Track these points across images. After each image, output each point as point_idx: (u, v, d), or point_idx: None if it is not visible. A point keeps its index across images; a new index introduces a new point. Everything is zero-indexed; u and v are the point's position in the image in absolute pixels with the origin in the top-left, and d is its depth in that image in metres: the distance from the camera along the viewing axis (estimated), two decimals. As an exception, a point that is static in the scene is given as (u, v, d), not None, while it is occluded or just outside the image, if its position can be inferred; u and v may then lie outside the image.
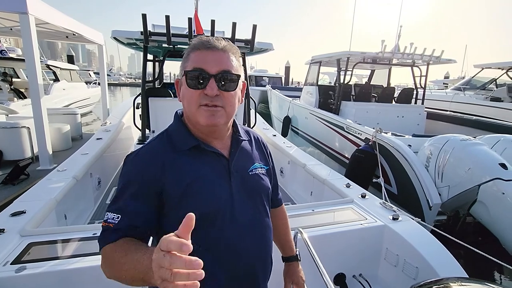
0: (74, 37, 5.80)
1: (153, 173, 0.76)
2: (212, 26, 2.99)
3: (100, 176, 3.15)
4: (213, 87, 0.74)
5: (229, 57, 0.78)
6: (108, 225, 0.73)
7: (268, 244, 0.90)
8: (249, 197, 0.86)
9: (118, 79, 47.43)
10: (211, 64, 0.75)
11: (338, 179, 2.61)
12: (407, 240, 1.66)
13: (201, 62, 0.75)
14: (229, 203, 0.81)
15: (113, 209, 0.74)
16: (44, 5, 3.95)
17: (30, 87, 3.76)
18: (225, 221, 0.80)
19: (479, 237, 2.95)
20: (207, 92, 0.74)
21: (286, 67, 26.50)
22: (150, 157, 0.78)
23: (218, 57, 0.76)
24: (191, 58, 0.77)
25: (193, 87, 0.75)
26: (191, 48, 0.78)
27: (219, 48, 0.76)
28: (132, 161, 0.79)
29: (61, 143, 4.91)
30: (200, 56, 0.76)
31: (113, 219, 0.72)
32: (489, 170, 2.64)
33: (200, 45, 0.77)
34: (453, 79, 22.68)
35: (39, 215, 1.74)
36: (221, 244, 0.79)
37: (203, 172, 0.80)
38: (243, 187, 0.85)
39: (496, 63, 8.40)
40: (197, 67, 0.75)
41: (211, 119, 0.76)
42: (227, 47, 0.78)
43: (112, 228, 0.72)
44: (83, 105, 11.01)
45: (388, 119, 5.54)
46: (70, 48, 19.64)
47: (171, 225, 0.75)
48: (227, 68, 0.76)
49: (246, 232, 0.83)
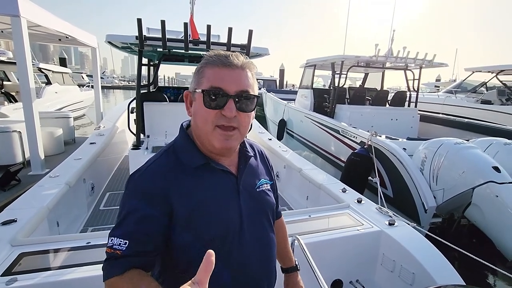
0: (67, 40, 5.73)
1: (161, 194, 0.71)
2: (208, 30, 2.98)
3: (94, 182, 3.11)
4: (232, 108, 0.71)
5: (247, 75, 0.74)
6: (114, 252, 0.67)
7: (273, 259, 0.89)
8: (256, 214, 0.84)
9: (111, 82, 47.07)
10: (230, 83, 0.71)
11: (334, 183, 2.61)
12: (403, 245, 1.67)
13: (219, 81, 0.71)
14: (238, 223, 0.79)
15: (119, 234, 0.68)
16: (37, 7, 3.90)
17: (22, 90, 3.69)
18: (234, 242, 0.77)
19: (474, 239, 2.99)
20: (225, 113, 0.71)
21: (281, 70, 26.58)
22: (157, 176, 0.73)
23: (237, 75, 0.72)
24: (207, 75, 0.73)
25: (209, 107, 0.71)
26: (206, 63, 0.74)
27: (238, 66, 0.73)
28: (137, 180, 0.73)
29: (53, 148, 4.83)
30: (218, 74, 0.72)
31: (120, 245, 0.66)
32: (482, 173, 2.67)
33: (218, 62, 0.72)
34: (445, 82, 23.08)
35: (31, 223, 1.69)
36: (230, 265, 0.76)
37: (212, 192, 0.77)
38: (251, 204, 0.83)
39: (486, 67, 8.57)
40: (215, 86, 0.71)
41: (226, 143, 0.73)
42: (245, 64, 0.74)
43: (118, 256, 0.66)
44: (76, 109, 10.88)
45: (382, 122, 5.59)
46: (62, 50, 19.36)
47: (179, 248, 0.73)
48: (246, 88, 0.73)
49: (253, 250, 0.81)
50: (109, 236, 0.69)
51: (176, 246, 0.73)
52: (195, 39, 3.15)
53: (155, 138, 3.64)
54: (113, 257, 0.67)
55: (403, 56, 5.27)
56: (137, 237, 0.68)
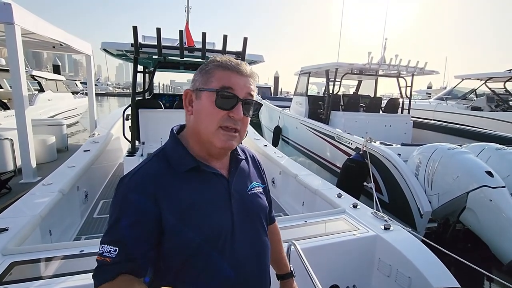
0: (61, 47, 5.71)
1: (150, 198, 0.70)
2: (203, 38, 3.00)
3: (88, 189, 3.06)
4: (240, 111, 0.74)
5: (253, 82, 0.79)
6: (104, 260, 0.66)
7: (267, 264, 0.88)
8: (249, 218, 0.83)
9: (105, 89, 46.83)
10: (241, 87, 0.75)
11: (330, 189, 2.61)
12: (399, 250, 1.67)
13: (231, 83, 0.74)
14: (230, 227, 0.78)
15: (109, 240, 0.67)
16: (31, 15, 3.89)
17: (14, 97, 3.64)
18: (226, 246, 0.76)
19: (469, 243, 3.00)
20: (234, 115, 0.73)
21: (275, 77, 26.80)
22: (146, 180, 0.72)
23: (246, 82, 0.76)
24: (218, 76, 0.75)
25: (221, 106, 0.73)
26: (217, 65, 0.76)
27: (247, 74, 0.77)
28: (126, 185, 0.72)
29: (45, 155, 4.75)
30: (230, 77, 0.75)
31: (110, 253, 0.65)
32: (476, 177, 2.71)
33: (230, 66, 0.75)
34: (436, 89, 23.54)
35: (22, 232, 1.65)
36: (222, 270, 0.75)
37: (202, 195, 0.76)
38: (243, 208, 0.82)
39: (475, 74, 8.78)
40: (228, 87, 0.73)
41: (228, 143, 0.75)
42: (251, 73, 0.79)
43: (108, 263, 0.65)
44: (69, 116, 10.77)
45: (376, 128, 5.66)
46: (56, 58, 19.26)
47: (170, 253, 0.72)
48: (252, 94, 0.77)
49: (246, 255, 0.80)
50: (100, 243, 0.69)
51: (166, 250, 0.72)
52: (190, 47, 3.17)
53: (150, 145, 3.62)
54: (103, 264, 0.66)
55: (396, 64, 5.38)
56: (127, 243, 0.67)
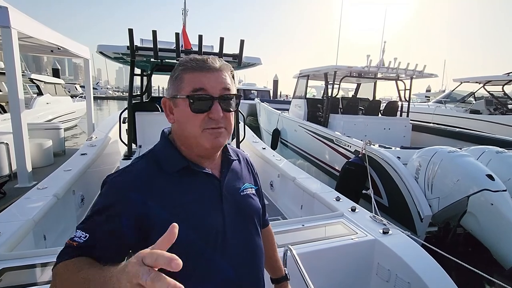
0: (59, 51, 5.71)
1: (136, 197, 0.69)
2: (200, 41, 2.99)
3: (84, 193, 3.02)
4: (219, 110, 0.72)
5: (226, 75, 0.75)
6: (71, 243, 0.64)
7: (260, 266, 0.86)
8: (241, 219, 0.82)
9: (105, 92, 46.87)
10: (212, 85, 0.72)
11: (328, 192, 2.59)
12: (398, 254, 1.63)
13: (201, 84, 0.71)
14: (221, 227, 0.76)
15: (82, 227, 0.66)
16: (28, 19, 3.88)
17: (10, 101, 3.62)
18: (217, 247, 0.75)
19: (470, 247, 2.96)
20: (213, 115, 0.71)
21: (274, 80, 26.91)
22: (132, 179, 0.71)
23: (217, 77, 0.73)
24: (187, 80, 0.72)
25: (197, 111, 0.71)
26: (183, 69, 0.73)
27: (217, 68, 0.73)
28: (112, 182, 0.72)
29: (42, 159, 4.72)
30: (199, 77, 0.71)
31: (80, 238, 0.64)
32: (477, 181, 2.68)
33: (196, 66, 0.72)
34: (435, 92, 23.62)
35: (15, 237, 1.62)
36: (213, 271, 0.74)
37: (192, 195, 0.75)
38: (235, 208, 0.81)
39: (474, 78, 8.79)
40: (199, 88, 0.71)
41: (216, 141, 0.73)
42: (222, 66, 0.75)
43: (74, 247, 0.64)
44: (67, 119, 10.73)
45: (375, 131, 5.64)
46: (55, 61, 19.31)
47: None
48: (227, 88, 0.74)
49: (238, 256, 0.78)
50: (75, 229, 0.67)
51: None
52: (187, 49, 3.15)
53: (147, 148, 3.57)
54: (68, 247, 0.65)
55: (394, 67, 5.37)
56: (99, 232, 0.66)
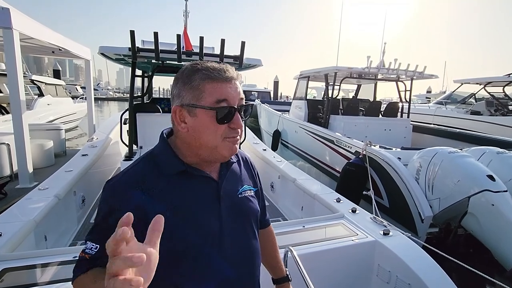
0: (60, 52, 5.72)
1: (136, 200, 0.70)
2: (201, 42, 3.00)
3: (85, 194, 3.02)
4: (240, 120, 0.74)
5: (239, 85, 0.76)
6: (84, 256, 0.67)
7: (257, 269, 0.86)
8: (238, 221, 0.82)
9: (106, 93, 47.00)
10: (233, 96, 0.73)
11: (329, 193, 2.59)
12: (398, 256, 1.63)
13: (224, 95, 0.71)
14: (218, 230, 0.76)
15: (92, 238, 0.68)
16: (30, 20, 3.89)
17: (11, 102, 3.63)
18: (213, 249, 0.75)
19: (471, 248, 2.96)
20: (234, 125, 0.73)
21: (275, 81, 26.93)
22: (132, 182, 0.72)
23: (236, 88, 0.74)
24: (208, 90, 0.71)
25: (222, 122, 0.72)
26: (203, 78, 0.71)
27: (234, 78, 0.74)
28: (112, 187, 0.73)
29: (43, 160, 4.72)
30: (221, 88, 0.72)
31: (91, 250, 0.66)
32: (477, 182, 2.67)
33: (217, 76, 0.71)
34: (435, 93, 23.60)
35: (16, 237, 1.62)
36: (209, 273, 0.74)
37: (189, 197, 0.75)
38: (233, 211, 0.81)
39: (474, 79, 8.78)
40: (222, 99, 0.71)
41: (234, 149, 0.76)
42: (237, 76, 0.76)
43: (87, 259, 0.66)
44: (68, 120, 10.77)
45: (375, 132, 5.64)
46: (56, 62, 19.38)
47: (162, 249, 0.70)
48: (243, 98, 0.76)
49: (235, 259, 0.78)
50: (85, 240, 0.70)
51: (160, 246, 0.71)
52: (188, 51, 3.16)
53: (147, 149, 3.58)
54: (81, 260, 0.67)
55: (395, 68, 5.37)
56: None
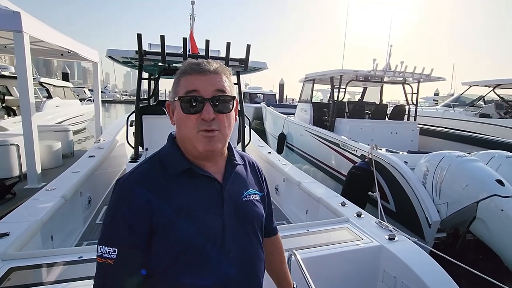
0: (69, 55, 5.82)
1: (143, 200, 0.72)
2: (207, 45, 3.02)
3: (91, 195, 3.05)
4: (209, 111, 0.73)
5: (222, 78, 0.77)
6: (105, 262, 0.68)
7: (259, 275, 0.84)
8: (241, 225, 0.81)
9: (113, 96, 47.55)
10: (205, 87, 0.74)
11: (333, 197, 2.57)
12: (404, 261, 1.60)
13: (193, 86, 0.74)
14: (220, 231, 0.76)
15: (107, 242, 0.69)
16: (39, 23, 3.97)
17: (21, 104, 3.70)
18: (215, 249, 0.75)
19: (480, 254, 2.90)
20: (203, 116, 0.73)
21: (280, 84, 26.94)
22: (139, 182, 0.74)
23: (211, 79, 0.75)
24: (182, 83, 0.76)
25: (188, 112, 0.74)
26: (181, 73, 0.77)
27: (211, 71, 0.75)
28: (121, 186, 0.75)
29: (51, 161, 4.79)
30: (192, 80, 0.75)
31: (109, 254, 0.68)
32: (486, 186, 2.62)
33: (190, 70, 0.75)
34: (443, 96, 23.32)
35: (23, 237, 1.65)
36: (209, 270, 0.74)
37: (193, 197, 0.76)
38: (236, 214, 0.80)
39: (483, 81, 8.65)
40: (192, 90, 0.74)
41: (209, 145, 0.75)
42: (218, 69, 0.77)
43: (111, 265, 0.67)
44: (76, 122, 10.92)
45: (382, 135, 5.58)
46: (65, 65, 19.79)
47: (158, 253, 0.72)
48: (221, 89, 0.76)
49: (236, 263, 0.77)
50: (98, 245, 0.70)
51: (155, 251, 0.72)
52: (194, 54, 3.19)
53: (153, 150, 3.61)
54: (105, 266, 0.68)
55: (401, 71, 5.33)
56: (125, 243, 0.69)
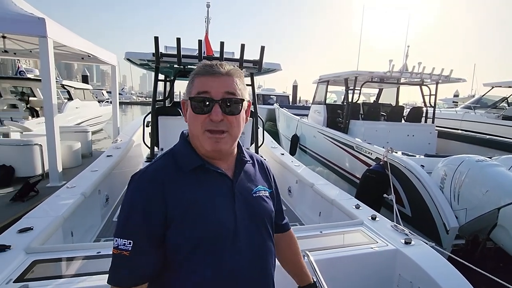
0: (89, 58, 6.05)
1: (157, 194, 0.74)
2: (221, 47, 3.07)
3: (108, 193, 3.15)
4: (218, 112, 0.75)
5: (233, 80, 0.79)
6: (121, 253, 0.70)
7: (270, 269, 0.86)
8: (252, 220, 0.83)
9: (129, 97, 48.90)
10: (215, 89, 0.76)
11: (347, 199, 2.53)
12: (421, 266, 1.56)
13: (206, 87, 0.76)
14: (232, 225, 0.78)
15: (123, 234, 0.71)
16: (63, 29, 4.15)
17: (44, 106, 3.87)
18: (226, 245, 0.77)
19: (501, 263, 2.78)
20: (212, 117, 0.75)
21: (294, 86, 26.85)
22: (153, 177, 0.77)
23: (221, 82, 0.77)
24: (195, 84, 0.79)
25: (198, 112, 0.77)
26: (195, 74, 0.80)
27: (223, 73, 0.77)
28: (137, 181, 0.78)
29: (71, 160, 4.97)
30: (205, 81, 0.77)
31: (125, 246, 0.70)
32: (508, 192, 2.51)
33: (203, 71, 0.78)
34: (463, 97, 22.48)
35: (46, 232, 1.72)
36: (221, 269, 0.75)
37: (205, 192, 0.78)
38: (247, 209, 0.83)
39: (506, 82, 8.29)
40: (203, 91, 0.76)
41: (216, 145, 0.77)
42: (231, 72, 0.79)
43: (127, 256, 0.70)
44: (95, 123, 11.30)
45: (398, 138, 5.45)
46: (85, 68, 20.61)
47: (172, 248, 0.74)
48: (231, 92, 0.77)
49: (247, 256, 0.79)
50: (114, 237, 0.72)
51: (168, 245, 0.74)
52: (209, 55, 3.24)
53: None
54: (120, 257, 0.70)
55: (419, 72, 5.19)
56: (140, 236, 0.71)
